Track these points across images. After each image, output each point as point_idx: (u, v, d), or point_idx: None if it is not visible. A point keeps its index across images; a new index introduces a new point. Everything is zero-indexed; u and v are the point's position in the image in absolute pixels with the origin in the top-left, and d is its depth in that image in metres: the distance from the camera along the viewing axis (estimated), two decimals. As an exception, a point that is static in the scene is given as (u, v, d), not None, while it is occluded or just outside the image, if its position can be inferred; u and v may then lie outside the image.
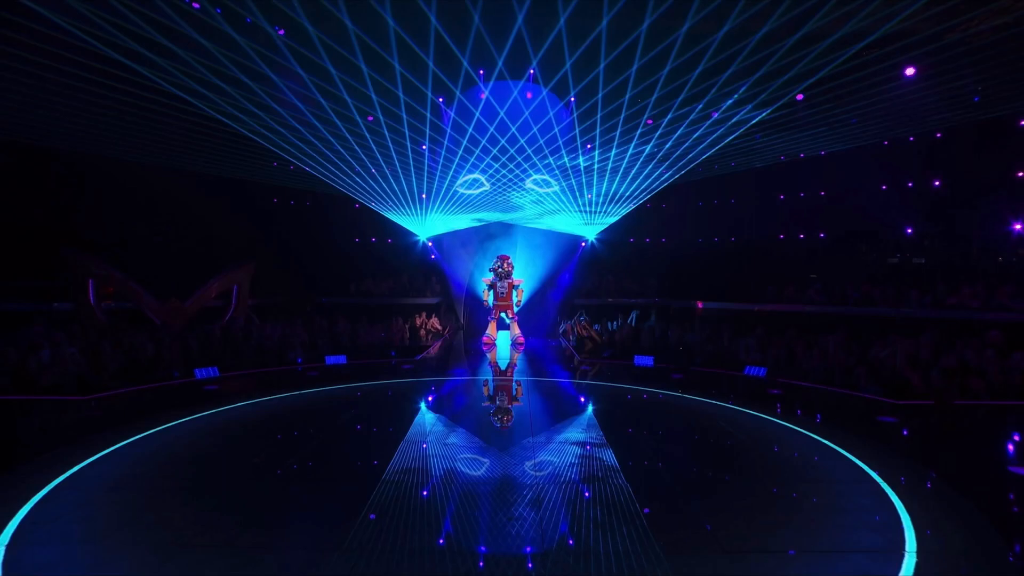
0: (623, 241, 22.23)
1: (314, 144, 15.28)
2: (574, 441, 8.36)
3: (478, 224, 21.08)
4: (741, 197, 21.16)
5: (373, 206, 19.99)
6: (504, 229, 21.08)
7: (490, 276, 18.27)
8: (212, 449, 7.92)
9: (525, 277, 19.34)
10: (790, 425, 9.18)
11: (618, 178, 18.01)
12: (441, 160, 17.05)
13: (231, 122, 13.38)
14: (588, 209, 20.29)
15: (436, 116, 14.54)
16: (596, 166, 17.80)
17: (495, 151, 16.73)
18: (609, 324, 18.13)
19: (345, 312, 19.27)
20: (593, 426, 9.34)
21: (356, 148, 15.81)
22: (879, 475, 6.65)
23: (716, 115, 14.91)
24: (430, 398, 11.36)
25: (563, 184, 18.82)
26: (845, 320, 15.52)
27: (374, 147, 15.85)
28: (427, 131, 14.72)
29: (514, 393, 11.99)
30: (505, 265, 17.97)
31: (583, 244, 21.94)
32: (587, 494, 6.09)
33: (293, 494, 6.23)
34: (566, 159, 17.15)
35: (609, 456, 7.51)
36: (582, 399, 11.56)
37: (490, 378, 13.67)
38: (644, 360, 14.83)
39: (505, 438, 8.65)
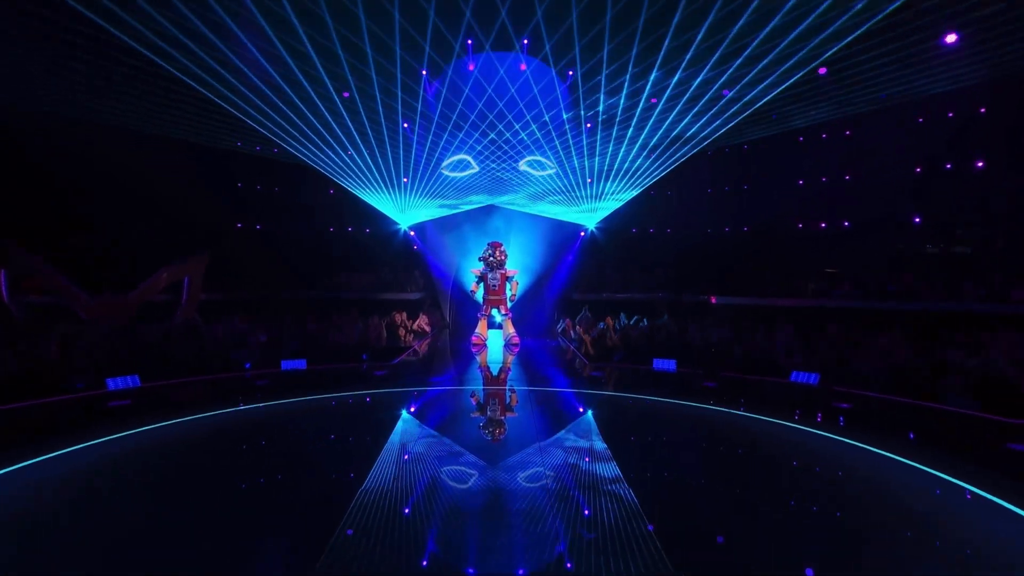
0: (625, 230, 19.39)
1: (282, 111, 12.39)
2: (610, 494, 5.42)
3: (467, 208, 18.09)
4: (755, 183, 18.46)
5: (351, 189, 16.92)
6: (496, 214, 18.12)
7: (480, 267, 15.22)
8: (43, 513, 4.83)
9: (520, 268, 16.36)
10: (895, 457, 6.35)
11: (620, 157, 15.24)
12: (428, 139, 14.38)
13: (194, 82, 10.61)
14: (588, 194, 17.49)
15: (418, 89, 11.91)
16: (598, 145, 15.08)
17: (484, 126, 14.06)
18: (619, 321, 15.24)
19: (316, 309, 16.13)
20: (633, 466, 6.41)
21: (329, 121, 13.00)
22: None
23: (728, 94, 12.68)
24: (400, 420, 8.30)
25: (562, 166, 16.06)
26: (887, 316, 12.86)
27: (349, 122, 13.11)
28: (417, 105, 12.20)
29: (510, 408, 9.00)
30: (497, 253, 14.91)
31: (582, 233, 19.05)
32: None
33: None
34: (569, 137, 14.43)
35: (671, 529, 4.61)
36: (602, 420, 8.61)
37: (480, 389, 10.65)
38: (664, 364, 11.97)
39: (503, 500, 5.58)
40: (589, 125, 14.33)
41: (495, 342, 15.26)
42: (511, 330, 15.10)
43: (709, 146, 15.51)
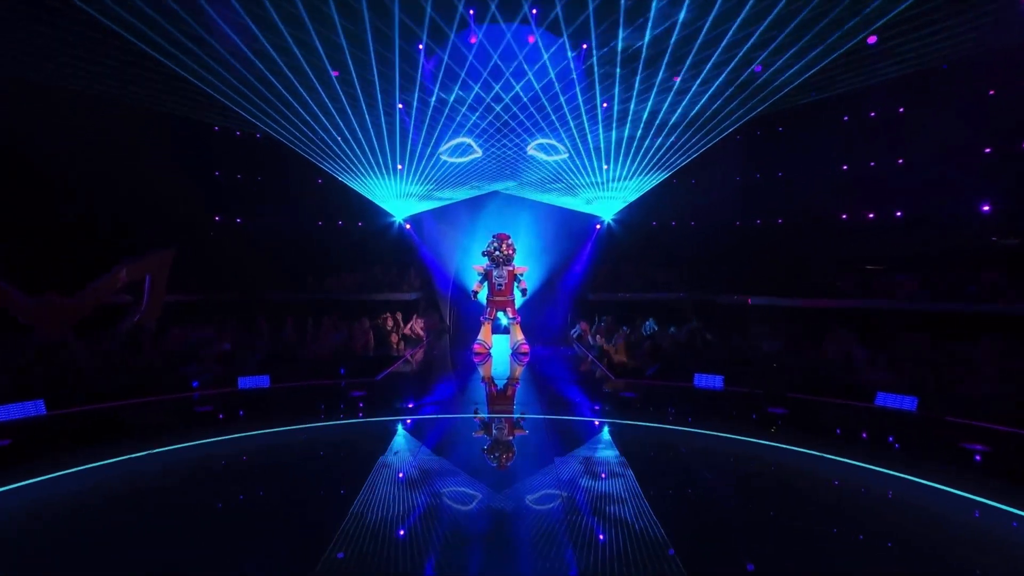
0: (644, 223, 16.91)
1: (258, 89, 10.31)
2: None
3: (468, 196, 15.65)
4: (791, 169, 15.97)
5: (341, 179, 14.57)
6: (501, 204, 15.68)
7: (484, 263, 12.74)
8: None
9: (529, 265, 13.89)
10: None
11: (639, 136, 12.89)
12: (426, 121, 12.31)
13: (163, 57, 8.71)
14: (603, 180, 15.08)
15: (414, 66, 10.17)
16: (614, 126, 12.73)
17: (488, 99, 11.98)
18: (646, 326, 12.78)
19: (300, 312, 13.70)
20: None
21: (313, 101, 10.94)
22: None
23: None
24: (374, 477, 5.66)
25: (575, 149, 13.75)
26: (974, 321, 10.37)
27: (338, 103, 11.06)
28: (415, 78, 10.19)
29: (521, 450, 6.52)
30: (504, 247, 12.40)
31: (598, 226, 16.59)
32: None
33: None
34: (584, 118, 12.21)
35: None
36: (655, 478, 6.13)
37: (483, 415, 8.15)
38: (709, 381, 9.50)
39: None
40: (605, 104, 12.16)
41: (501, 350, 12.80)
42: (519, 336, 12.63)
43: (738, 130, 13.20)
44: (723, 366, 9.91)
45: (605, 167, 14.76)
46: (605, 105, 12.41)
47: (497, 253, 12.31)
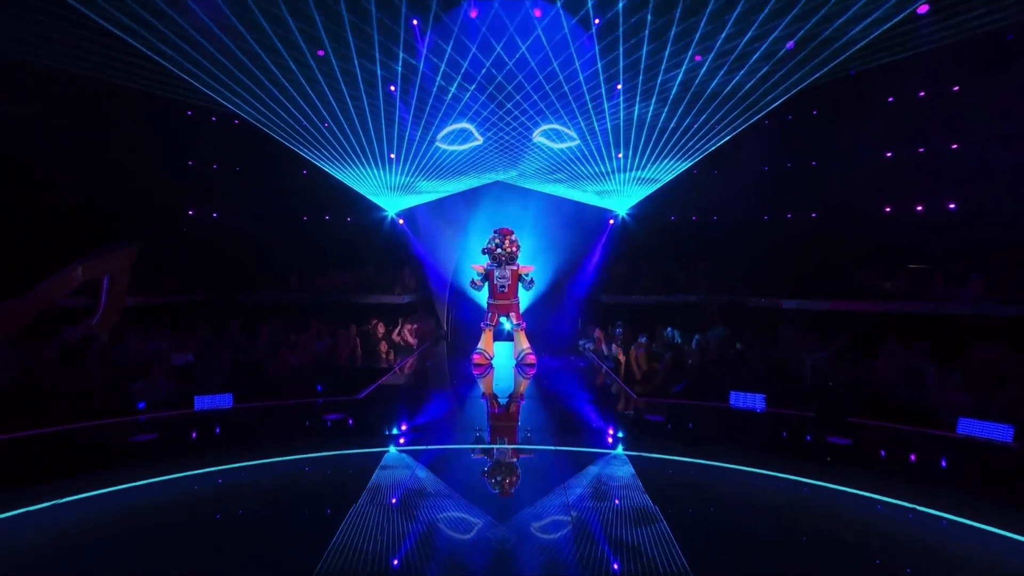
0: (662, 217, 15.53)
1: (230, 70, 9.19)
2: None
3: (467, 188, 14.35)
4: (827, 157, 14.53)
5: (328, 170, 13.36)
6: (504, 196, 14.36)
7: (484, 262, 11.39)
8: None
9: (536, 264, 12.54)
10: None
11: (660, 119, 11.73)
12: (426, 106, 11.18)
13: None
14: (619, 171, 13.78)
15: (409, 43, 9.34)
16: (636, 106, 11.55)
17: (490, 88, 10.90)
18: (666, 336, 11.44)
19: (280, 316, 12.46)
20: None
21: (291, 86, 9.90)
22: None
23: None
24: (339, 544, 4.32)
25: (584, 136, 12.56)
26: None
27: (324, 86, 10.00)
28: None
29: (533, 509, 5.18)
30: (507, 244, 11.02)
31: (611, 221, 15.23)
32: None
33: None
34: (606, 103, 10.97)
35: None
36: (700, 543, 4.78)
37: (485, 443, 6.82)
38: (747, 401, 8.13)
39: None
40: (619, 86, 11.07)
41: (504, 361, 11.47)
42: (525, 345, 11.28)
43: (767, 114, 11.88)
44: (764, 383, 8.55)
45: (619, 155, 13.48)
46: (619, 87, 11.23)
47: (499, 251, 10.95)
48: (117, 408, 7.55)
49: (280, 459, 5.87)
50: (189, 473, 5.46)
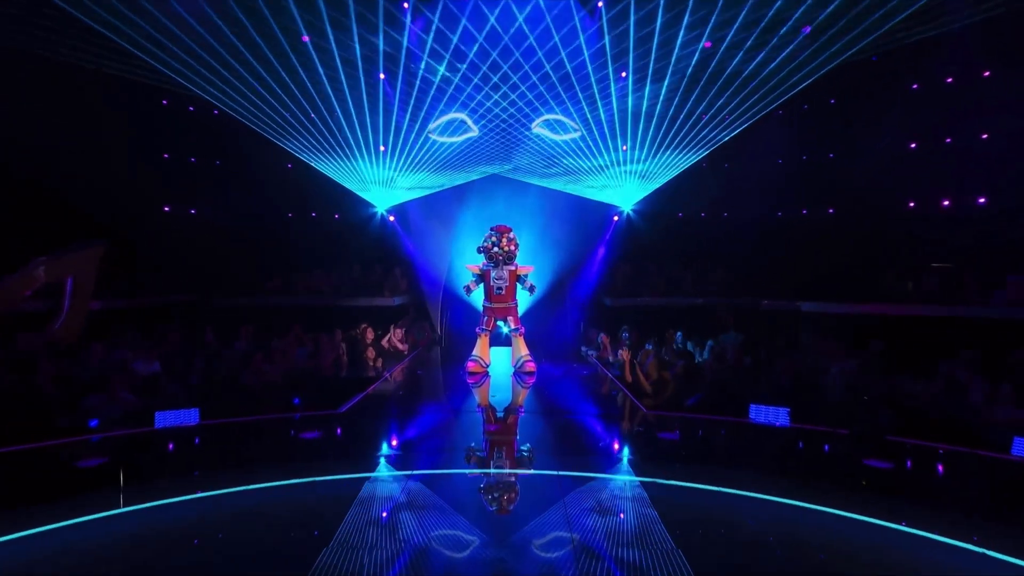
0: (669, 215, 14.78)
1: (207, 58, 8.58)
2: None
3: (462, 182, 13.62)
4: (846, 148, 13.77)
5: (313, 164, 12.66)
6: (501, 190, 13.63)
7: (480, 262, 10.62)
8: None
9: (536, 264, 11.77)
10: None
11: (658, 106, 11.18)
12: (413, 94, 10.75)
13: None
14: (624, 163, 13.12)
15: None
16: (641, 94, 10.99)
17: (484, 69, 10.40)
18: (676, 343, 10.70)
19: (260, 320, 11.69)
20: None
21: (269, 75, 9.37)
22: None
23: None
24: None
25: (587, 126, 11.94)
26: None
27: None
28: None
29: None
30: (504, 242, 10.22)
31: (615, 218, 14.48)
32: None
33: None
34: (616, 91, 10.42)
35: None
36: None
37: (478, 467, 6.06)
38: (770, 415, 7.39)
39: None
40: (624, 74, 10.54)
41: (501, 368, 10.72)
42: (523, 351, 10.52)
43: (780, 104, 11.29)
44: (787, 395, 7.81)
45: (624, 148, 12.79)
46: (624, 75, 10.60)
47: (496, 249, 10.16)
48: (68, 427, 6.81)
49: (239, 489, 5.10)
50: (131, 508, 4.70)
